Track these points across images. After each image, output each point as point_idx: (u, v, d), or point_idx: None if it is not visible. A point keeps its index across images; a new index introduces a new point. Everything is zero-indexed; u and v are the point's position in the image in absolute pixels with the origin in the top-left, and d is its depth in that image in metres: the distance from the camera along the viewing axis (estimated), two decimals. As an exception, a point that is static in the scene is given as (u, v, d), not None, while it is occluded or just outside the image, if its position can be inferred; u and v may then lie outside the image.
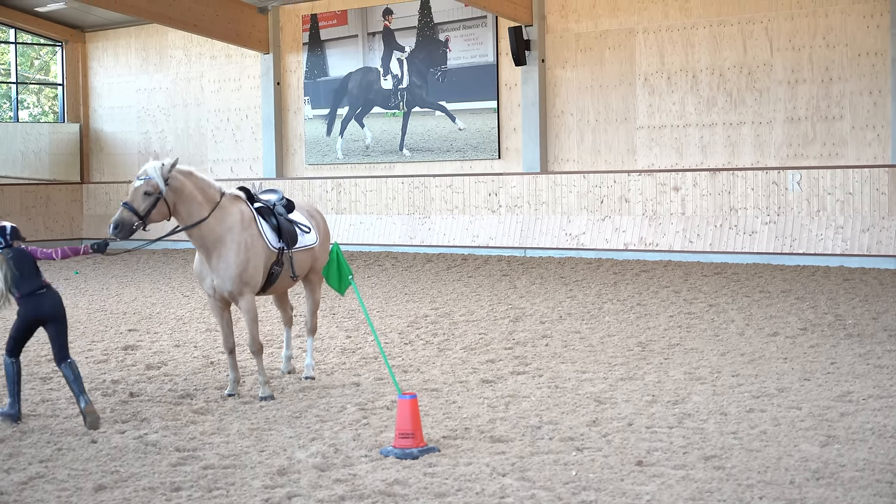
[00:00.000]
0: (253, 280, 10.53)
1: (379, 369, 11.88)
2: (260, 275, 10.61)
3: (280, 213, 11.13)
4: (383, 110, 28.70)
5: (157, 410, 10.06)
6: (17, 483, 7.85)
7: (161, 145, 33.20)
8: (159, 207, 10.34)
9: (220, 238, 10.47)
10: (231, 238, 10.47)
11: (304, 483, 7.74)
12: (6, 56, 35.60)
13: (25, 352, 13.59)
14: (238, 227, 10.52)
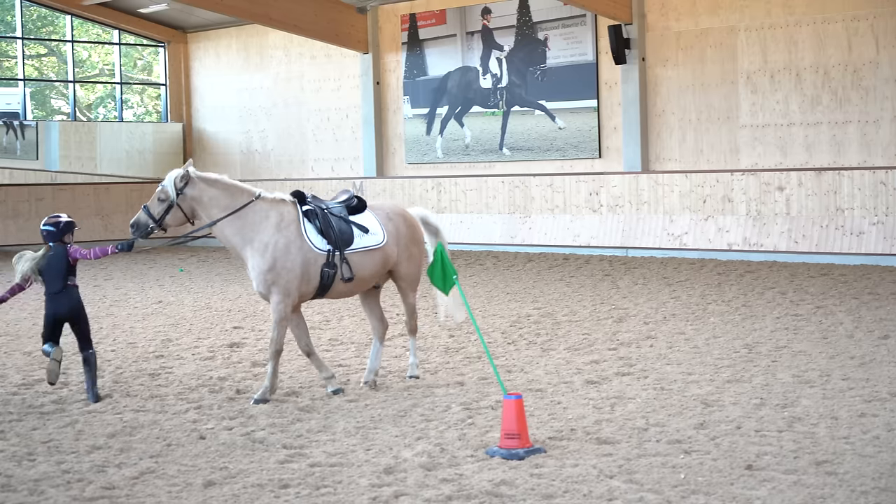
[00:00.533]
0: (281, 280, 10.50)
1: (483, 369, 11.86)
2: (293, 276, 10.54)
3: (338, 214, 10.97)
4: (483, 109, 28.69)
5: (264, 408, 10.13)
6: (129, 478, 7.95)
7: (262, 144, 33.49)
8: (173, 213, 10.77)
9: (248, 240, 10.60)
10: (259, 239, 10.56)
11: (411, 482, 7.74)
12: (110, 57, 36.13)
13: (133, 348, 13.79)
14: (270, 229, 10.59)
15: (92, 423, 9.64)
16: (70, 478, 7.96)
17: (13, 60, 34.86)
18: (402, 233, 11.32)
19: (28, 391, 11.07)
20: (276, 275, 10.48)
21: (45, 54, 37.43)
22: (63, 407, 10.30)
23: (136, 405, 10.34)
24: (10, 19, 34.02)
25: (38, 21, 35.91)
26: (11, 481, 7.88)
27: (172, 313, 17.16)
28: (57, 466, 8.24)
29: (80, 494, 7.58)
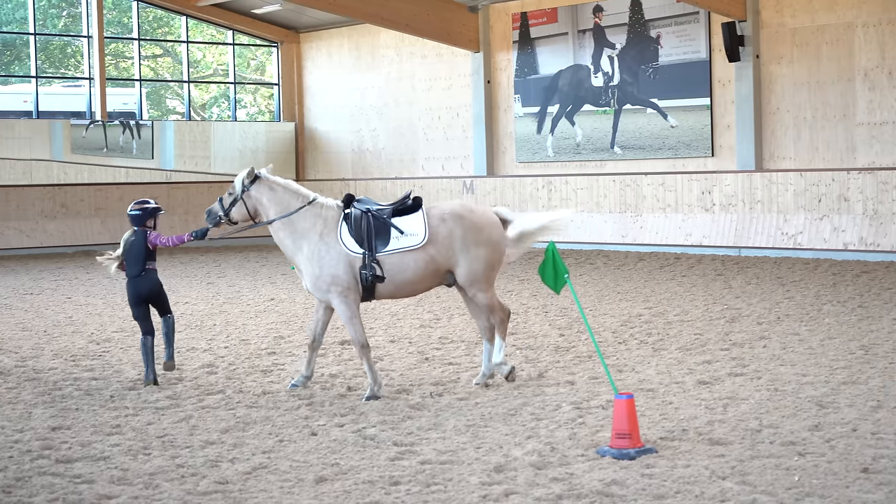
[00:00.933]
0: (337, 284, 10.78)
1: (593, 368, 11.81)
2: (344, 279, 10.80)
3: (380, 216, 11.01)
4: (594, 108, 28.56)
5: (375, 405, 10.18)
6: (242, 473, 8.03)
7: (373, 143, 33.68)
8: (238, 208, 11.49)
9: (298, 247, 11.04)
10: (307, 247, 10.96)
11: (521, 481, 7.73)
12: (224, 57, 36.60)
13: (245, 345, 13.94)
14: (315, 237, 10.95)
15: (206, 418, 9.77)
16: (184, 472, 8.07)
17: (129, 61, 35.47)
18: (455, 234, 11.06)
19: (143, 387, 11.24)
20: (325, 281, 10.76)
21: (161, 55, 38.04)
22: (177, 402, 10.45)
23: (249, 401, 10.45)
24: (127, 21, 34.62)
25: (153, 22, 36.50)
26: (127, 475, 8.01)
27: (284, 310, 17.33)
28: (171, 461, 8.36)
29: (193, 489, 7.67)
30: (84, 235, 31.40)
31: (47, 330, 15.52)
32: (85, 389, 11.14)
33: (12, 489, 7.69)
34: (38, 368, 12.39)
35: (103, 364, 12.61)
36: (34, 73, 32.14)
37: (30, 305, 18.58)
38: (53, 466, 8.25)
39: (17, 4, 34.29)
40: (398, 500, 7.37)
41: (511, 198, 29.53)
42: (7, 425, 9.56)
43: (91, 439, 9.04)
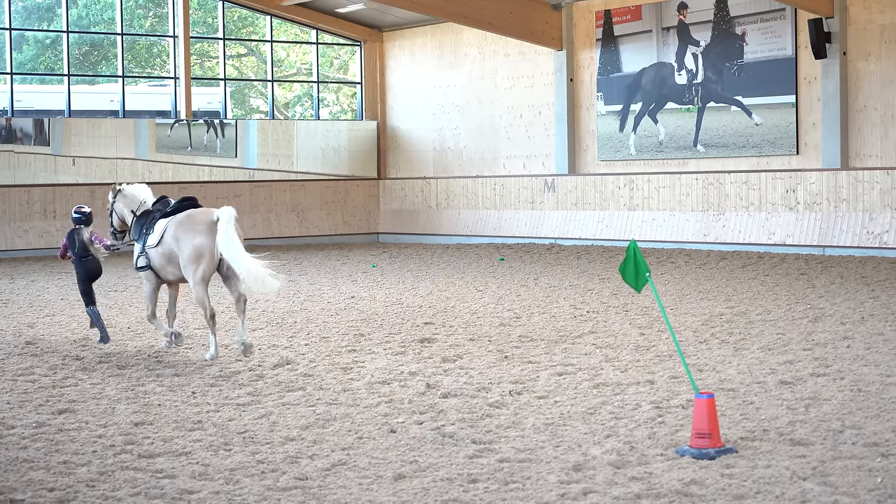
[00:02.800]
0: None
1: (674, 367, 11.73)
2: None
3: (152, 219, 13.53)
4: (677, 106, 28.38)
5: (454, 403, 10.18)
6: (321, 469, 8.08)
7: (455, 142, 33.71)
8: (114, 218, 14.16)
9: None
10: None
11: (600, 480, 7.69)
12: (308, 56, 36.82)
13: (326, 342, 14.01)
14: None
15: (286, 414, 9.83)
16: (264, 468, 8.13)
17: (214, 60, 35.81)
18: (176, 235, 12.96)
19: (224, 383, 11.35)
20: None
21: (245, 54, 38.36)
22: (258, 399, 10.53)
23: (329, 398, 10.50)
24: (212, 20, 34.95)
25: (238, 22, 36.81)
26: (208, 470, 8.08)
27: (364, 308, 17.40)
28: (252, 457, 8.42)
29: (273, 484, 7.72)
30: (169, 233, 31.71)
31: (130, 326, 15.72)
32: (167, 385, 11.26)
33: (96, 483, 7.79)
34: (121, 364, 12.55)
35: (185, 360, 12.74)
36: (121, 73, 32.56)
37: (114, 302, 18.84)
38: (136, 461, 8.35)
39: (105, 5, 34.76)
40: (476, 498, 7.37)
41: (592, 196, 29.43)
42: (91, 420, 9.69)
43: (173, 435, 9.14)
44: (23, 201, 30.19)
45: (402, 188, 34.85)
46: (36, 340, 14.44)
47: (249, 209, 33.21)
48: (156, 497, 7.48)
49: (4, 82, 31.20)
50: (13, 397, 10.76)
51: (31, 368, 12.32)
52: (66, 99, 31.75)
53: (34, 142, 30.98)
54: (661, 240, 27.52)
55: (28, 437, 9.08)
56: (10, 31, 30.98)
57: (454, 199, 33.23)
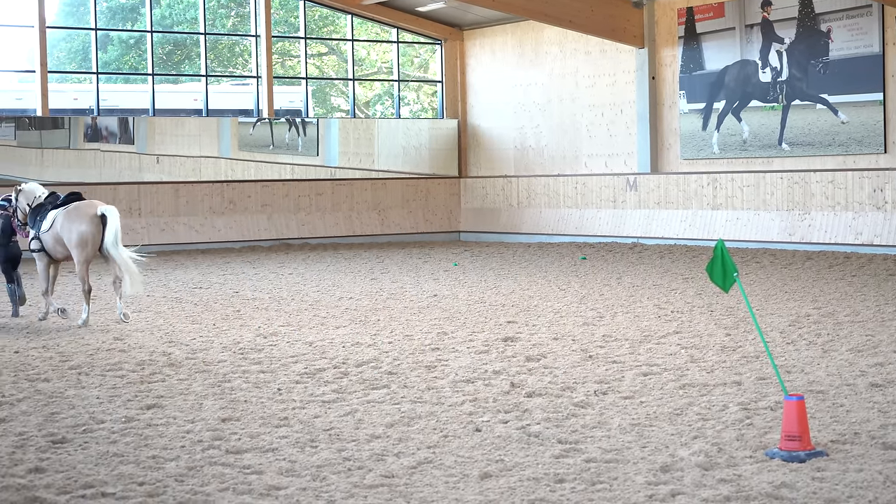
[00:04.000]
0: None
1: (761, 369, 11.60)
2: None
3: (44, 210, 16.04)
4: (761, 104, 28.10)
5: (539, 402, 10.14)
6: (407, 467, 8.07)
7: (536, 140, 33.63)
8: (17, 212, 16.54)
9: None
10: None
11: (688, 481, 7.62)
12: (389, 55, 36.92)
13: (409, 340, 14.02)
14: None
15: (371, 412, 9.84)
16: (350, 465, 8.14)
17: (296, 60, 36.03)
18: (63, 225, 15.59)
19: (310, 380, 11.39)
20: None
21: (326, 53, 38.56)
22: (343, 396, 10.55)
23: (413, 396, 10.51)
24: (294, 20, 35.16)
25: (319, 21, 37.02)
26: (295, 466, 8.11)
27: (447, 307, 17.40)
28: (338, 454, 8.44)
29: (360, 481, 7.73)
30: (251, 231, 32.00)
31: (216, 323, 15.84)
32: (253, 382, 11.33)
33: (184, 478, 7.85)
34: (207, 361, 12.64)
35: (270, 357, 12.81)
36: (204, 72, 32.84)
37: (199, 299, 18.99)
38: (224, 457, 8.40)
39: (187, 5, 35.11)
40: (563, 498, 7.33)
41: (675, 195, 29.23)
42: (179, 416, 9.77)
43: (259, 431, 9.18)
44: (108, 199, 30.51)
45: (483, 186, 34.84)
46: (123, 336, 14.60)
47: (331, 207, 33.37)
48: (244, 493, 7.52)
49: (90, 82, 31.59)
50: (102, 392, 10.88)
51: (119, 364, 12.46)
52: (151, 98, 32.09)
53: (119, 140, 31.35)
54: (745, 239, 27.27)
55: (118, 432, 9.17)
56: (95, 31, 31.36)
57: (535, 198, 33.16)
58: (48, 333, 14.96)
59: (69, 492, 7.56)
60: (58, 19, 32.88)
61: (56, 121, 30.52)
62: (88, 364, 12.50)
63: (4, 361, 12.73)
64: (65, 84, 33.81)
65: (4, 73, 31.32)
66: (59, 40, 35.05)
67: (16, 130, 30.05)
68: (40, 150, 30.20)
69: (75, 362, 12.62)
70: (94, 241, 15.55)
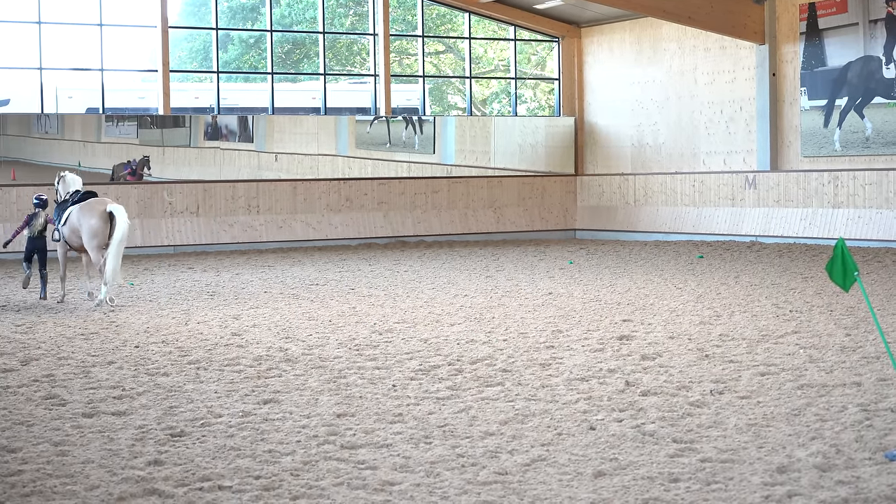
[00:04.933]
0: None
1: (882, 370, 11.39)
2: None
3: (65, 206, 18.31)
4: (885, 100, 27.59)
5: (654, 401, 10.07)
6: (521, 465, 8.07)
7: (654, 138, 33.40)
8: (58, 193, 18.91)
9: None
10: None
11: (805, 482, 7.51)
12: (505, 52, 36.92)
13: (524, 338, 14.01)
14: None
15: (485, 409, 9.86)
16: (464, 462, 8.16)
17: (413, 58, 36.18)
18: (78, 218, 17.83)
19: (424, 377, 11.44)
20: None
21: (443, 51, 38.65)
22: (457, 393, 10.58)
23: (528, 394, 10.50)
24: (412, 18, 35.31)
25: (437, 19, 37.13)
26: (409, 462, 8.15)
27: (562, 305, 17.35)
28: (452, 450, 8.46)
29: (473, 478, 7.75)
30: (367, 228, 32.22)
31: (332, 319, 15.98)
32: (368, 378, 11.40)
33: (300, 472, 7.93)
34: (323, 356, 12.76)
35: (385, 354, 12.88)
36: (322, 71, 33.13)
37: (315, 295, 19.17)
38: (338, 452, 8.47)
39: (307, 5, 35.45)
40: (678, 497, 7.27)
41: (795, 193, 28.82)
42: (295, 411, 9.87)
43: (374, 427, 9.24)
44: (228, 196, 30.98)
45: (600, 184, 34.69)
46: (241, 332, 14.80)
47: (447, 205, 33.47)
48: (358, 487, 7.57)
49: (211, 81, 32.06)
50: (220, 387, 11.03)
51: (237, 359, 12.63)
52: (270, 96, 32.47)
53: (239, 138, 31.77)
54: (867, 238, 26.79)
55: (235, 426, 9.29)
56: (216, 30, 31.81)
57: (652, 196, 32.94)
58: (167, 329, 15.21)
59: (187, 484, 7.69)
60: (180, 19, 33.40)
61: (177, 119, 31.03)
62: (207, 359, 12.69)
63: (125, 356, 12.97)
64: (186, 83, 34.35)
65: (127, 72, 31.91)
66: (181, 40, 35.63)
67: (138, 129, 30.61)
68: (161, 148, 30.72)
69: (194, 357, 12.81)
70: (104, 233, 17.67)
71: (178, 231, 30.13)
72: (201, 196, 30.61)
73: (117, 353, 13.14)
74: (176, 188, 30.39)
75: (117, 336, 14.55)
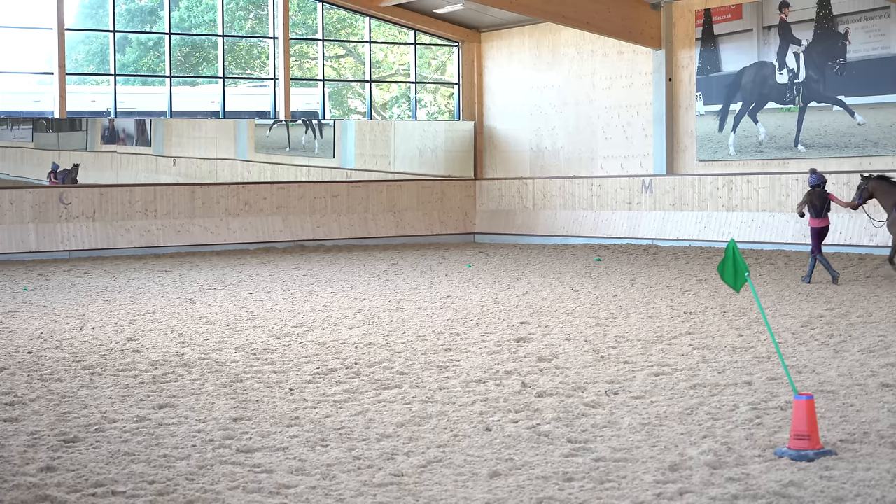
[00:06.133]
0: None
1: (772, 369, 11.60)
2: None
3: None
4: (778, 105, 28.07)
5: (550, 402, 10.16)
6: (417, 466, 8.10)
7: (553, 142, 33.64)
8: None
9: None
10: None
11: (696, 480, 7.63)
12: (406, 57, 36.96)
13: (422, 341, 14.06)
14: None
15: (382, 412, 9.88)
16: (361, 464, 8.17)
17: (313, 62, 36.08)
18: None
19: (321, 380, 11.43)
20: None
21: (344, 55, 38.59)
22: (355, 396, 10.59)
23: (425, 396, 10.53)
24: (312, 22, 35.21)
25: (337, 23, 37.06)
26: (305, 465, 8.14)
27: (460, 308, 17.42)
28: (348, 453, 8.47)
29: (370, 480, 7.76)
30: (266, 233, 32.07)
31: (229, 324, 15.89)
32: (265, 382, 11.37)
33: (195, 477, 7.89)
34: (220, 361, 12.69)
35: (283, 358, 12.85)
36: (221, 75, 32.92)
37: (213, 300, 19.05)
38: (234, 456, 8.44)
39: (206, 8, 35.19)
40: (571, 497, 7.35)
41: (690, 197, 29.21)
42: (191, 415, 9.81)
43: (270, 430, 9.22)
44: (125, 201, 30.66)
45: (499, 188, 34.86)
46: (137, 337, 14.66)
47: (347, 209, 33.43)
48: (254, 491, 7.55)
49: (108, 84, 31.71)
50: (115, 392, 10.93)
51: (132, 364, 12.52)
52: (168, 100, 32.19)
53: (136, 142, 31.46)
54: (760, 241, 27.23)
55: (129, 431, 9.22)
56: (114, 33, 31.48)
57: (551, 200, 33.17)
58: (61, 334, 15.03)
59: (79, 490, 7.61)
60: (76, 21, 32.98)
61: (73, 123, 30.64)
62: (101, 364, 12.56)
63: (18, 362, 12.80)
64: (83, 86, 33.92)
65: (23, 75, 31.46)
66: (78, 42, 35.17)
67: (33, 132, 30.17)
68: (58, 151, 30.32)
69: (88, 362, 12.68)
70: None
71: (73, 236, 29.74)
72: (98, 200, 30.25)
73: (10, 359, 12.95)
74: (72, 192, 30.00)
75: (10, 342, 14.35)
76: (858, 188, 20.29)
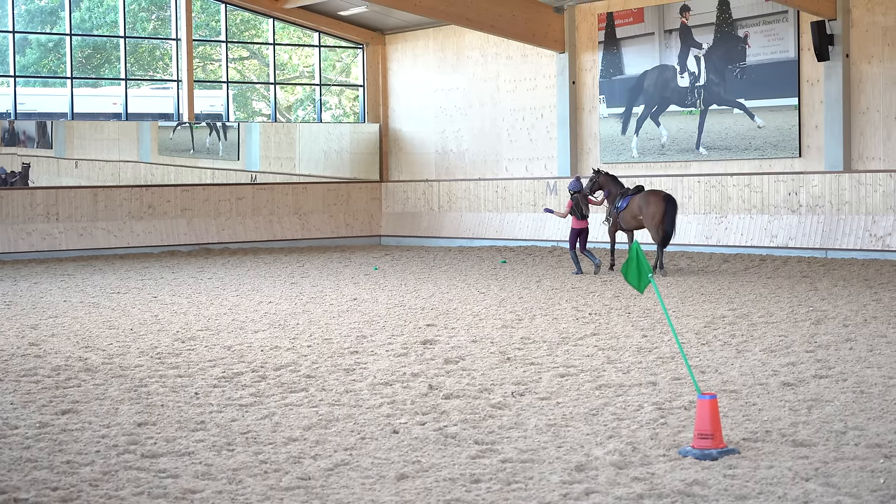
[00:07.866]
0: None
1: (676, 369, 11.73)
2: None
3: None
4: (680, 108, 28.39)
5: (456, 404, 10.19)
6: (324, 469, 8.08)
7: (457, 144, 33.73)
8: None
9: None
10: None
11: (602, 480, 7.70)
12: (310, 59, 36.84)
13: (328, 344, 14.01)
14: None
15: (288, 415, 9.84)
16: (267, 468, 8.13)
17: (217, 63, 35.82)
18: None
19: (227, 384, 11.35)
20: None
21: (248, 57, 38.36)
22: (261, 400, 10.53)
23: (332, 399, 10.51)
24: (215, 24, 34.96)
25: (241, 25, 36.82)
26: (211, 470, 8.08)
27: (367, 310, 17.41)
28: (255, 457, 8.43)
29: (276, 484, 7.73)
30: (170, 236, 31.78)
31: (133, 328, 15.73)
32: (170, 386, 11.27)
33: (99, 483, 7.80)
34: (124, 366, 12.56)
35: (188, 362, 12.75)
36: (124, 76, 32.59)
37: (116, 304, 18.84)
38: (139, 461, 8.35)
39: (107, 9, 34.78)
40: (479, 498, 7.38)
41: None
42: (94, 420, 9.70)
43: (176, 435, 9.14)
44: (26, 203, 30.22)
45: (405, 191, 34.87)
46: (39, 342, 14.46)
47: (252, 212, 33.25)
48: (159, 496, 7.48)
49: (7, 85, 31.25)
50: (16, 398, 10.77)
51: (35, 369, 12.34)
52: (69, 102, 31.79)
53: (37, 144, 31.02)
54: (663, 242, 27.50)
55: (31, 437, 9.09)
56: (13, 34, 31.02)
57: (456, 202, 33.26)
58: (-38, 339, 14.79)
59: (-19, 497, 7.50)
60: (-27, 22, 32.44)
61: (-28, 125, 30.12)
62: (2, 370, 12.36)
63: (-83, 367, 12.57)
64: (-19, 88, 33.40)
65: (-81, 76, 30.91)
66: (-25, 43, 34.61)
67: (-70, 134, 29.62)
68: (-44, 154, 29.79)
69: (-11, 368, 12.49)
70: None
71: (-28, 239, 29.26)
72: (-3, 203, 29.80)
73: None
74: (-30, 195, 29.50)
75: None
76: (590, 179, 22.70)
